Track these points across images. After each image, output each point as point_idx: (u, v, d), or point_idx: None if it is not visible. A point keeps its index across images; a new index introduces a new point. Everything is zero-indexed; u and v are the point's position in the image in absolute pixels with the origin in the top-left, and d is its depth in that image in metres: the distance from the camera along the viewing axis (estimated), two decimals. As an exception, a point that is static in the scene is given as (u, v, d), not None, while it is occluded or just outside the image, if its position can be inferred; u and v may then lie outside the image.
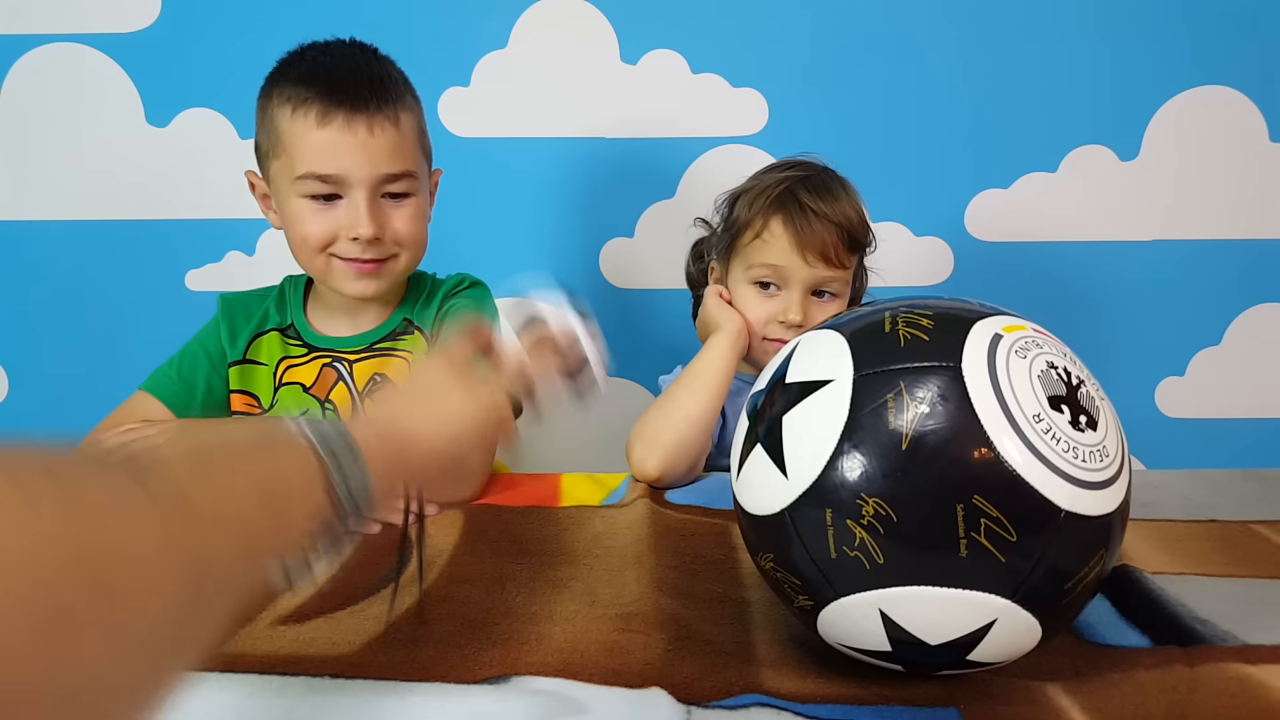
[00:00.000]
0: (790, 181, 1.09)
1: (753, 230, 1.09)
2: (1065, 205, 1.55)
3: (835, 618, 0.57)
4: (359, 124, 0.98)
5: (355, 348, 1.09)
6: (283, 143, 1.00)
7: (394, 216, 1.02)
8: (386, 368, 1.09)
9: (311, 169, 0.98)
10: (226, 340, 1.09)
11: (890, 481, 0.53)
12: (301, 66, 1.01)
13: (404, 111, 1.02)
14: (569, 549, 0.83)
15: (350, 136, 0.98)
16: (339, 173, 0.98)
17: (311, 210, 1.00)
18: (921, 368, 0.55)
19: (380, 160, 0.99)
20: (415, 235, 1.04)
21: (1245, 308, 1.59)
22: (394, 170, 1.00)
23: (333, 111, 0.97)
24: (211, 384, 1.08)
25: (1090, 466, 0.53)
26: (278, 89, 1.01)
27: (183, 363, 1.08)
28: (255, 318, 1.11)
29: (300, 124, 0.98)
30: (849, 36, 1.51)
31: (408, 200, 1.03)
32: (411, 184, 1.03)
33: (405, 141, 1.01)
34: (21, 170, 1.57)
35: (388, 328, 1.10)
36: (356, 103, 0.98)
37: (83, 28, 1.52)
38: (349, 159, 0.98)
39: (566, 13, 1.51)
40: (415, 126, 1.04)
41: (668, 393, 1.06)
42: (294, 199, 1.01)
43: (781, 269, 1.07)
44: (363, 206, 0.99)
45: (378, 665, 0.64)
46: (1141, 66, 1.51)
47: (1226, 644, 0.65)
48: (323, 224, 1.00)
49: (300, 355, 1.09)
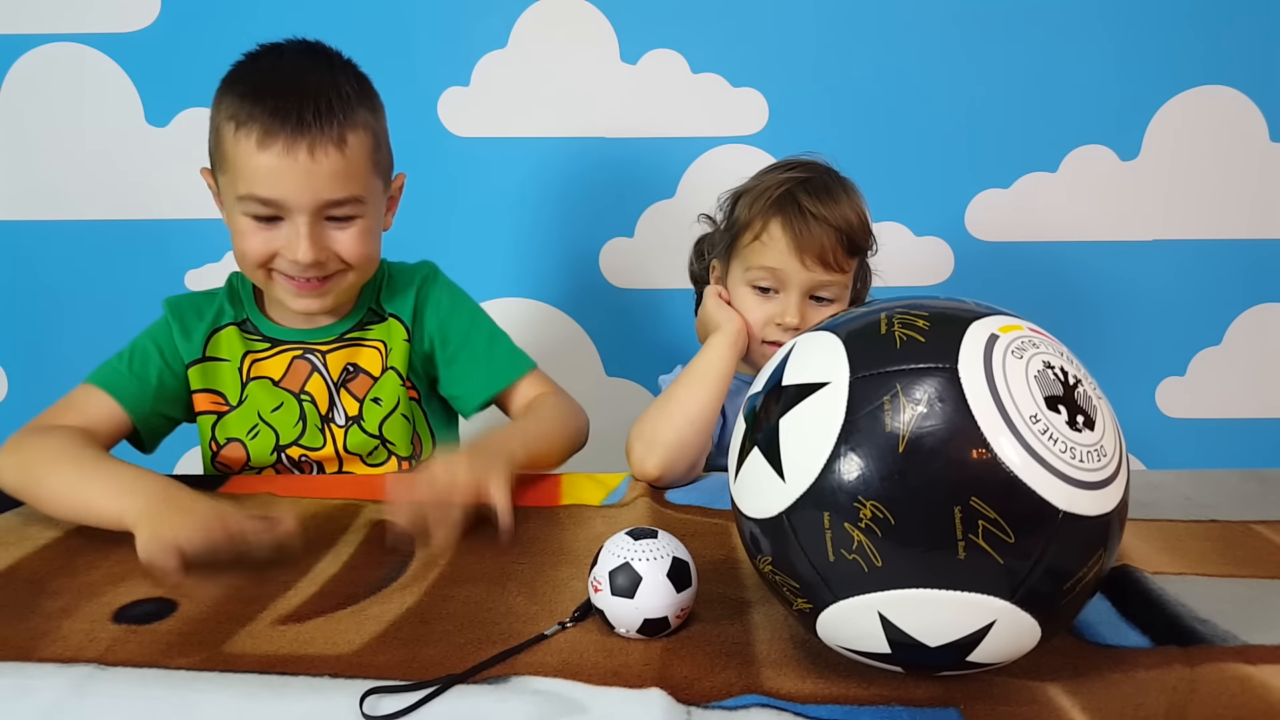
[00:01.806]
0: (791, 183, 1.08)
1: (752, 232, 1.09)
2: (1065, 205, 1.55)
3: (834, 620, 0.57)
4: (300, 149, 0.95)
5: (325, 339, 1.09)
6: (227, 159, 0.99)
7: (338, 239, 1.00)
8: (358, 357, 1.08)
9: (252, 191, 0.97)
10: (180, 338, 1.07)
11: (887, 484, 0.52)
12: (249, 79, 0.99)
13: (352, 131, 0.98)
14: (569, 549, 0.83)
15: (291, 162, 0.95)
16: (279, 198, 0.97)
17: (253, 229, 0.99)
18: (917, 369, 0.54)
19: (322, 186, 0.97)
20: (361, 254, 1.02)
21: (1245, 308, 1.59)
22: (336, 196, 0.98)
23: (274, 134, 0.95)
24: (164, 379, 1.06)
25: (1087, 466, 0.53)
26: (225, 101, 0.99)
27: (133, 357, 1.06)
28: (208, 314, 1.09)
29: (243, 144, 0.96)
30: (849, 36, 1.51)
31: (353, 222, 1.01)
32: (357, 208, 1.00)
33: (351, 165, 0.98)
34: (21, 170, 1.57)
35: (354, 318, 1.10)
36: (299, 127, 0.95)
37: (83, 27, 1.52)
38: (289, 185, 0.96)
39: (566, 13, 1.51)
40: (366, 144, 1.00)
41: (667, 392, 1.05)
42: (237, 215, 1.00)
43: (779, 272, 1.07)
44: (303, 232, 0.97)
45: (378, 665, 0.64)
46: (1142, 66, 1.51)
47: (1227, 644, 0.65)
48: (263, 244, 0.99)
49: (264, 349, 1.08)
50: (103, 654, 0.66)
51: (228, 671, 0.63)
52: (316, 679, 0.62)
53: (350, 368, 1.09)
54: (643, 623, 0.65)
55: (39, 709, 0.59)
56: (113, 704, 0.60)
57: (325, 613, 0.71)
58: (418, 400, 1.12)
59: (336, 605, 0.73)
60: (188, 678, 0.63)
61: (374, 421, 1.08)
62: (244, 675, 0.63)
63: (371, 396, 1.08)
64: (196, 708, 0.60)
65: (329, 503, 0.94)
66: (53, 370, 1.62)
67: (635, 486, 0.98)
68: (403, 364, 1.09)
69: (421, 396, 1.12)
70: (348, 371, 1.09)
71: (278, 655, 0.65)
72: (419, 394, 1.12)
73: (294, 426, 1.07)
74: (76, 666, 0.64)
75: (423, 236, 1.23)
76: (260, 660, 0.65)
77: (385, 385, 1.09)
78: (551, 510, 0.93)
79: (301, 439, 1.07)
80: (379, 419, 1.08)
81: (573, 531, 0.87)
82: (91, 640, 0.67)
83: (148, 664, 0.64)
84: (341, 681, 0.62)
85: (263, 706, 0.60)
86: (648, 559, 0.65)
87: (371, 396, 1.08)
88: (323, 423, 1.08)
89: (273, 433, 1.07)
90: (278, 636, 0.68)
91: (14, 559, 0.82)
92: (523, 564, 0.80)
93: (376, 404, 1.08)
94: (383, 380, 1.09)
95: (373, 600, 0.73)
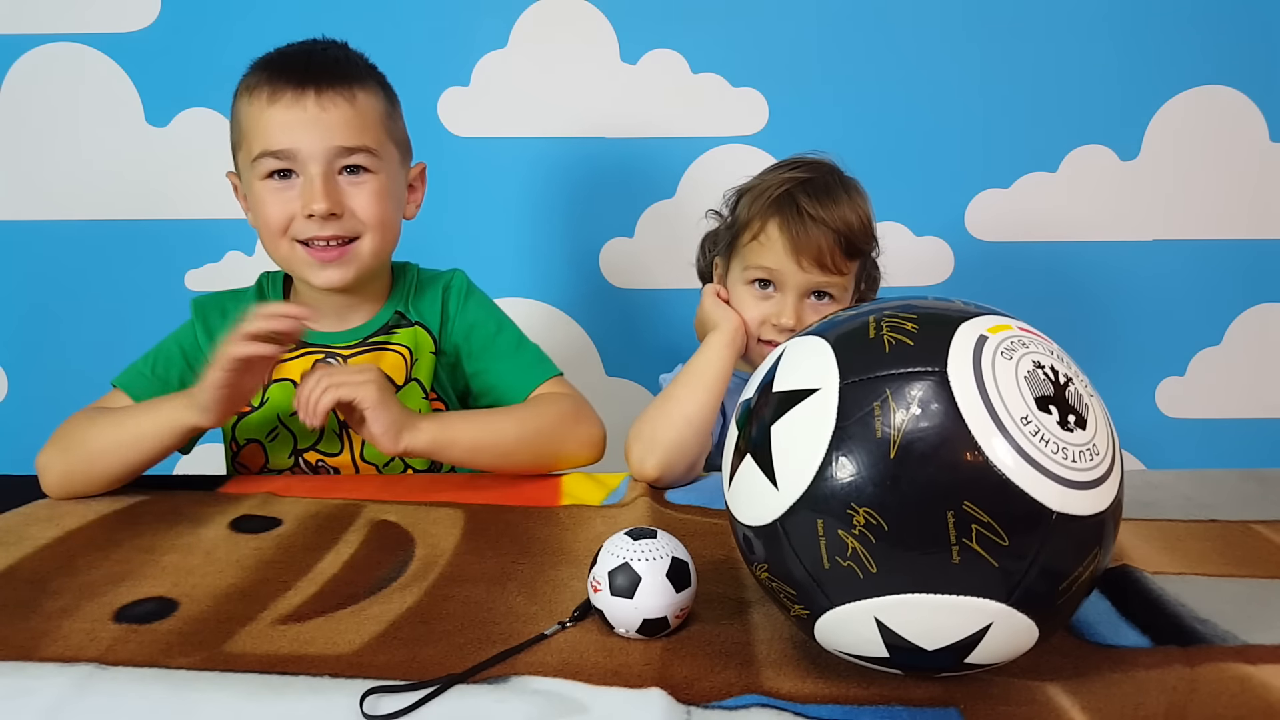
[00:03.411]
0: (792, 184, 1.08)
1: (751, 231, 1.08)
2: (1065, 205, 1.55)
3: (831, 626, 0.57)
4: (307, 98, 0.98)
5: (348, 342, 1.08)
6: (242, 129, 1.01)
7: (352, 194, 1.00)
8: (381, 361, 1.07)
9: (265, 146, 0.98)
10: (205, 341, 1.07)
11: (880, 490, 0.52)
12: (264, 60, 1.02)
13: (361, 90, 1.01)
14: (569, 549, 0.83)
15: (299, 111, 0.97)
16: (290, 146, 0.98)
17: (269, 191, 1.00)
18: (907, 373, 0.54)
19: (333, 133, 0.98)
20: (378, 215, 1.02)
21: (1245, 308, 1.59)
22: (348, 143, 0.99)
23: (280, 88, 0.98)
24: (186, 382, 1.05)
25: (1080, 466, 0.53)
26: (241, 84, 1.02)
27: (157, 360, 1.06)
28: (233, 314, 1.07)
29: (254, 105, 0.99)
30: (849, 36, 1.51)
31: (368, 176, 1.01)
32: (371, 160, 1.01)
33: (362, 118, 1.00)
34: (21, 170, 1.57)
35: (379, 321, 1.09)
36: (305, 78, 0.98)
37: (83, 27, 1.52)
38: (299, 132, 0.98)
39: (566, 13, 1.51)
40: (378, 108, 1.03)
41: (666, 392, 1.05)
42: (255, 184, 1.00)
43: (776, 272, 1.07)
44: (316, 181, 0.98)
45: (378, 665, 0.64)
46: (1142, 66, 1.51)
47: (1227, 644, 0.65)
48: (280, 205, 1.00)
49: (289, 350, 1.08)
50: (103, 653, 0.66)
51: (228, 671, 0.63)
52: (316, 679, 0.62)
53: None
54: (642, 623, 0.65)
55: (39, 709, 0.59)
56: (113, 704, 0.60)
57: (325, 612, 0.71)
58: (444, 410, 1.10)
59: (337, 605, 0.73)
60: (188, 677, 0.63)
61: None
62: (244, 675, 0.63)
63: None
64: (197, 708, 0.60)
65: (329, 502, 0.94)
66: (53, 370, 1.63)
67: (635, 486, 0.98)
68: (427, 377, 1.08)
69: (448, 408, 1.10)
70: None
71: (278, 655, 0.65)
72: (445, 405, 1.10)
73: (312, 431, 1.06)
74: (77, 666, 0.64)
75: (422, 236, 1.23)
76: (260, 660, 0.65)
77: (407, 396, 1.07)
78: (551, 510, 0.93)
79: (319, 444, 1.07)
80: None
81: (573, 532, 0.87)
82: (92, 640, 0.67)
83: (148, 664, 0.64)
84: (341, 681, 0.62)
85: (263, 706, 0.60)
86: (647, 559, 0.65)
87: None
88: (341, 429, 1.06)
89: (291, 436, 1.07)
90: (278, 636, 0.68)
91: (14, 559, 0.82)
92: (523, 564, 0.80)
93: None
94: (405, 391, 1.07)
95: (373, 600, 0.73)
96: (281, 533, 0.87)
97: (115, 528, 0.89)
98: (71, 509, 0.94)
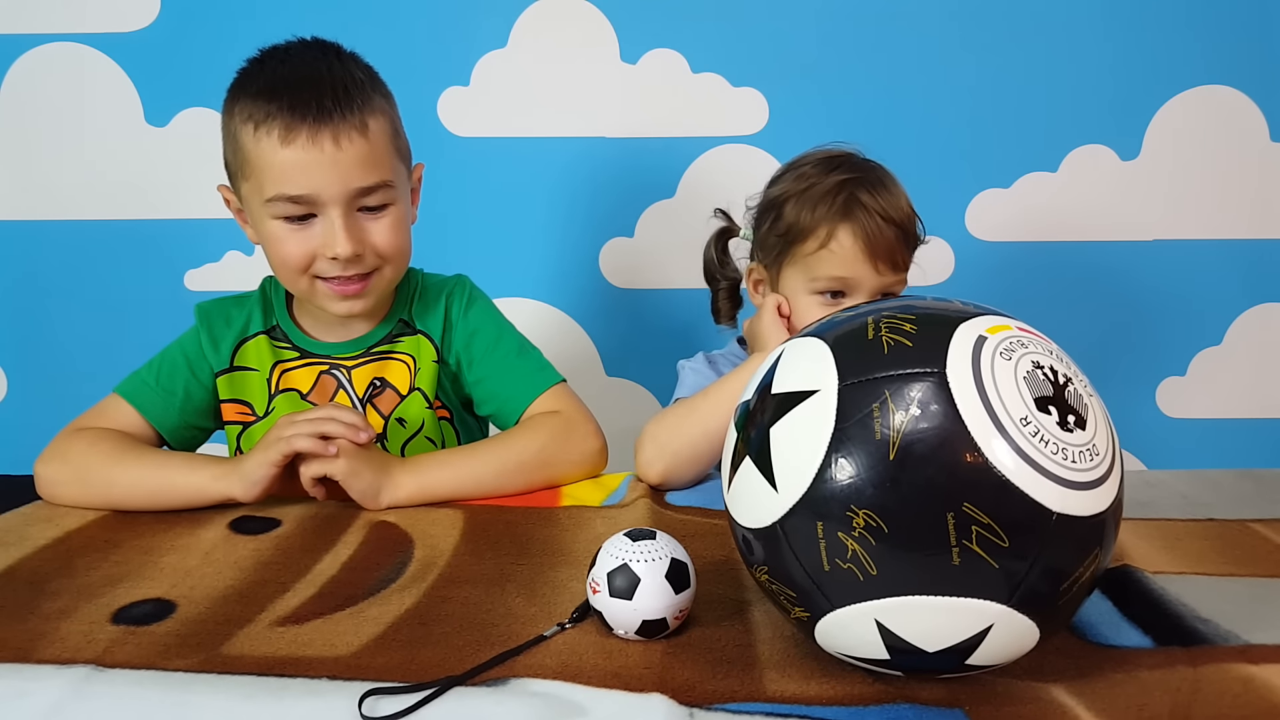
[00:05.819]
0: (850, 186, 1.04)
1: (817, 239, 1.03)
2: (1065, 205, 1.55)
3: (832, 629, 0.57)
4: (324, 138, 0.93)
5: (353, 353, 1.07)
6: (250, 164, 0.96)
7: (373, 230, 0.98)
8: (385, 371, 1.06)
9: (281, 191, 0.95)
10: (209, 348, 1.06)
11: (879, 492, 0.52)
12: (261, 78, 0.97)
13: (372, 116, 0.97)
14: (569, 549, 0.83)
15: (317, 153, 0.93)
16: (309, 192, 0.94)
17: (287, 232, 0.97)
18: (906, 375, 0.54)
19: (352, 174, 0.95)
20: (397, 247, 1.00)
21: (1246, 308, 1.59)
22: (367, 183, 0.96)
23: (296, 127, 0.93)
24: (190, 390, 1.04)
25: (1080, 467, 0.53)
26: (239, 105, 0.97)
27: (161, 369, 1.05)
28: (237, 323, 1.07)
29: (265, 144, 0.94)
30: (849, 36, 1.51)
31: (386, 211, 0.99)
32: (388, 194, 0.99)
33: (376, 149, 0.97)
34: (21, 170, 1.57)
35: (383, 330, 1.08)
36: (320, 115, 0.93)
37: (83, 27, 1.52)
38: (318, 177, 0.94)
39: (566, 13, 1.51)
40: (387, 129, 0.99)
41: (692, 401, 1.02)
42: (268, 221, 0.97)
43: (850, 280, 1.03)
44: (338, 224, 0.95)
45: (377, 666, 0.64)
46: (1142, 66, 1.51)
47: (1229, 644, 0.65)
48: (300, 245, 0.97)
49: (293, 359, 1.07)
50: (101, 655, 0.65)
51: (226, 673, 0.63)
52: (315, 681, 0.62)
53: (377, 382, 1.06)
54: (641, 624, 0.65)
55: (37, 710, 0.59)
56: (111, 705, 0.60)
57: (324, 614, 0.71)
58: (450, 418, 1.09)
59: (335, 607, 0.72)
60: (186, 679, 0.63)
61: (397, 444, 1.06)
62: (242, 677, 0.63)
63: (396, 416, 1.06)
64: (195, 710, 0.59)
65: (328, 504, 0.94)
66: (53, 370, 1.63)
67: (635, 488, 0.98)
68: (430, 386, 1.06)
69: (454, 415, 1.10)
70: (374, 386, 1.06)
71: (276, 657, 0.65)
72: (450, 412, 1.09)
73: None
74: (75, 668, 0.64)
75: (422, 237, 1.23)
76: (258, 662, 0.64)
77: (411, 406, 1.06)
78: (551, 511, 0.93)
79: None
80: (402, 441, 1.06)
81: (572, 533, 0.87)
82: (90, 641, 0.67)
83: (146, 665, 0.64)
84: (340, 683, 0.62)
85: (261, 708, 0.59)
86: (646, 560, 0.65)
87: (396, 416, 1.06)
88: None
89: None
90: (276, 638, 0.68)
91: (13, 559, 0.82)
92: (522, 565, 0.80)
93: (401, 425, 1.06)
94: (408, 401, 1.06)
95: (371, 602, 0.73)
96: (280, 534, 0.87)
97: (114, 529, 0.89)
98: (71, 510, 0.94)
